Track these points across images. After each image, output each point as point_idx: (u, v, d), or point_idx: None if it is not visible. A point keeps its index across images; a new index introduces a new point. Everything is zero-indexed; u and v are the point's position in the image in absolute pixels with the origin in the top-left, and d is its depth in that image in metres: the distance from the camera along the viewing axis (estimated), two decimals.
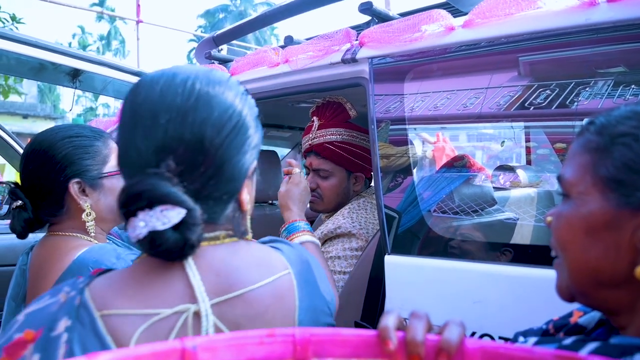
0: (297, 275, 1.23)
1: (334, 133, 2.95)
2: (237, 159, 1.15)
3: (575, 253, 1.02)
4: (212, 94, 1.12)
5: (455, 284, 2.00)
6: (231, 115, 1.13)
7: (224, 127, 1.11)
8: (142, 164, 1.08)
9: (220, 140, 1.10)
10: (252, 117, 1.21)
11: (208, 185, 1.11)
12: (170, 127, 1.07)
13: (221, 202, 1.16)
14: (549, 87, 2.00)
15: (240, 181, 1.18)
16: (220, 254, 1.16)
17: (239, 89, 1.20)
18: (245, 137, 1.17)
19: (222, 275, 1.12)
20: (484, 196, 2.32)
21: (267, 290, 1.15)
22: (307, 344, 0.81)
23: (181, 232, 1.05)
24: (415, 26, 2.24)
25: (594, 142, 1.01)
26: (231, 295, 1.10)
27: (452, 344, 0.80)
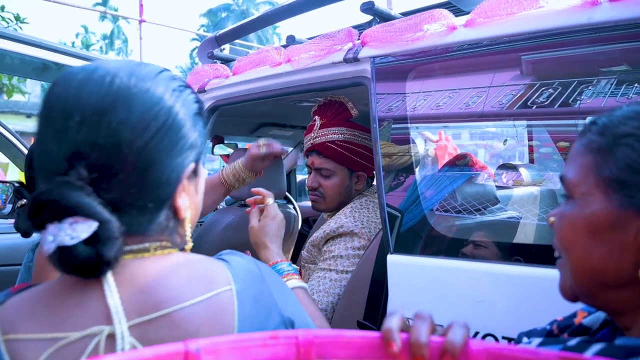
0: (242, 292, 1.08)
1: (335, 132, 2.96)
2: (167, 162, 1.04)
3: (579, 254, 1.01)
4: (133, 92, 1.01)
5: (458, 283, 2.00)
6: (157, 114, 1.02)
7: (147, 129, 1.00)
8: (53, 171, 0.97)
9: (142, 143, 0.99)
10: (188, 114, 1.10)
11: (130, 193, 1.00)
12: (83, 129, 0.96)
13: (147, 211, 1.05)
14: (551, 86, 2.00)
15: (172, 187, 1.07)
16: (147, 268, 1.04)
17: (170, 83, 1.09)
18: (178, 138, 1.06)
19: (147, 292, 1.01)
20: (487, 195, 2.32)
21: (200, 308, 1.02)
22: (311, 345, 0.80)
23: (94, 247, 0.94)
24: (417, 25, 2.24)
25: (596, 142, 1.00)
26: (155, 315, 0.98)
27: (456, 345, 0.80)
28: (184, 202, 1.11)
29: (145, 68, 1.08)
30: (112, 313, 0.96)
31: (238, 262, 1.16)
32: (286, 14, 3.10)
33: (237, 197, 3.81)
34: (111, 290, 0.98)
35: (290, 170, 5.49)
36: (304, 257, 3.01)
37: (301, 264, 3.09)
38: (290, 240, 4.34)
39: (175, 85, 1.10)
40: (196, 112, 1.13)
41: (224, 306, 1.05)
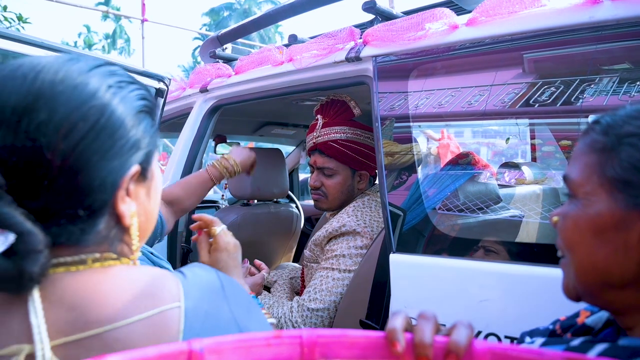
0: (192, 310, 0.97)
1: (338, 131, 2.96)
2: (100, 166, 0.94)
3: (583, 254, 1.01)
4: (58, 89, 0.92)
5: (460, 282, 2.00)
6: (85, 114, 0.92)
7: (73, 130, 0.90)
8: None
9: (68, 146, 0.90)
10: (129, 112, 1.00)
11: (57, 201, 0.91)
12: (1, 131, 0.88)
13: (80, 220, 0.95)
14: (553, 84, 1.99)
15: (107, 193, 0.97)
16: (80, 283, 0.95)
17: (106, 79, 1.00)
18: (114, 139, 0.96)
19: (77, 309, 0.91)
20: (489, 194, 2.32)
21: (138, 328, 0.92)
22: (314, 345, 0.80)
23: (14, 261, 0.86)
24: (419, 24, 2.24)
25: (600, 142, 1.00)
26: (84, 335, 0.89)
27: (461, 345, 0.80)
28: (128, 208, 1.02)
29: (78, 63, 0.99)
30: (33, 331, 0.88)
31: (197, 276, 1.05)
32: (288, 13, 3.10)
33: (239, 195, 3.82)
34: (35, 307, 0.90)
35: (293, 169, 5.49)
36: (306, 256, 3.01)
37: (304, 263, 3.09)
38: (292, 239, 4.35)
39: (113, 81, 1.01)
40: (141, 110, 1.04)
41: (167, 325, 0.94)
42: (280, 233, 4.19)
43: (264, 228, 3.97)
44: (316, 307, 2.60)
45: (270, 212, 4.04)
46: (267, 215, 4.00)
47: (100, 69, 1.01)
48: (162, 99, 2.83)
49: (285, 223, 4.19)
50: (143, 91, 1.08)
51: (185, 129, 3.45)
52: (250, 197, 3.82)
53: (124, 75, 1.06)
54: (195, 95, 3.51)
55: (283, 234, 4.21)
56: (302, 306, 2.63)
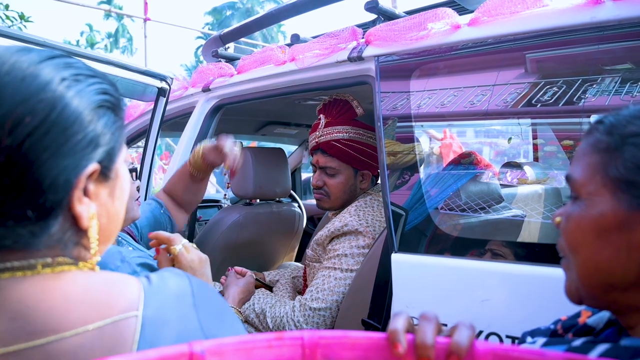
0: (151, 318, 0.92)
1: (340, 131, 2.96)
2: (51, 164, 0.87)
3: (586, 255, 1.00)
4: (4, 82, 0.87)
5: (462, 282, 2.00)
6: (34, 108, 0.86)
7: (19, 125, 0.84)
8: None
9: (15, 142, 0.84)
10: (86, 107, 0.93)
11: (2, 201, 0.86)
12: None
13: (29, 222, 0.89)
14: (555, 84, 1.99)
15: (59, 193, 0.90)
16: (25, 290, 0.89)
17: (61, 71, 0.93)
18: (67, 135, 0.89)
19: (20, 318, 0.86)
20: (491, 193, 2.32)
21: (86, 339, 0.86)
22: (316, 346, 0.80)
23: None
24: (421, 24, 2.25)
25: (603, 142, 0.99)
26: (26, 346, 0.84)
27: (462, 346, 0.80)
28: (86, 209, 0.95)
29: (29, 53, 0.93)
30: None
31: (164, 282, 1.00)
32: (291, 13, 3.10)
33: (241, 195, 3.82)
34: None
35: (295, 168, 5.49)
36: (308, 256, 3.01)
37: (306, 262, 3.10)
38: (294, 239, 4.35)
39: (68, 74, 0.94)
40: (100, 105, 0.97)
41: (121, 335, 0.89)
42: (283, 232, 4.19)
43: (266, 227, 3.97)
44: (318, 306, 2.60)
45: (272, 212, 4.04)
46: (270, 214, 4.00)
47: (55, 60, 0.95)
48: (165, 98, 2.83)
49: (287, 222, 4.19)
50: (105, 85, 1.00)
51: (187, 128, 3.45)
52: (253, 196, 3.81)
53: (82, 67, 0.99)
54: (197, 94, 3.51)
55: (285, 234, 4.21)
56: (304, 305, 2.63)
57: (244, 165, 3.68)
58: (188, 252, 1.69)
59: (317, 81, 2.77)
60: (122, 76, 2.56)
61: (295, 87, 2.90)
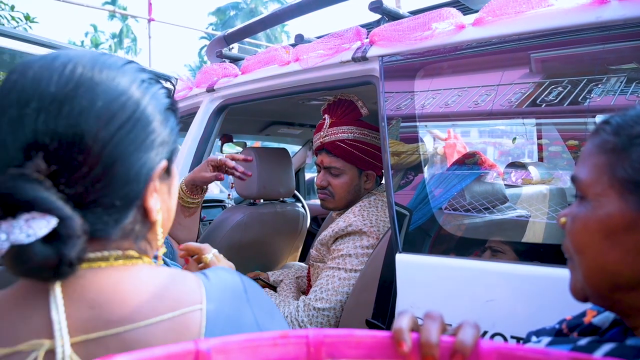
0: (213, 312, 0.97)
1: (345, 131, 2.96)
2: (135, 157, 0.96)
3: (592, 256, 1.00)
4: (97, 80, 0.94)
5: (467, 282, 2.00)
6: (124, 105, 0.95)
7: (113, 119, 0.92)
8: (6, 162, 0.88)
9: (108, 134, 0.91)
10: (158, 109, 1.02)
11: (94, 188, 0.91)
12: (41, 117, 0.88)
13: (115, 210, 0.95)
14: (560, 84, 1.99)
15: (141, 184, 0.98)
16: (102, 280, 0.95)
17: (138, 75, 1.02)
18: (147, 132, 0.98)
19: (98, 308, 0.91)
20: (496, 193, 2.32)
21: (159, 329, 0.92)
22: (321, 345, 0.80)
23: (54, 247, 0.85)
24: (426, 24, 2.24)
25: (610, 142, 0.99)
26: (105, 334, 0.89)
27: (467, 345, 0.80)
28: (155, 203, 1.03)
29: (111, 58, 1.02)
30: (54, 328, 0.88)
31: (220, 279, 1.06)
32: (295, 13, 3.10)
33: (245, 195, 3.82)
34: (57, 303, 0.89)
35: (299, 168, 5.49)
36: (312, 256, 3.01)
37: (310, 262, 3.09)
38: (298, 239, 4.35)
39: (144, 77, 1.03)
40: (167, 108, 1.06)
41: (188, 327, 0.95)
42: (287, 232, 4.19)
43: (270, 227, 3.97)
44: (322, 306, 2.60)
45: (276, 212, 4.04)
46: (274, 214, 4.00)
47: (131, 65, 1.03)
48: None
49: (291, 222, 4.19)
50: (167, 90, 1.09)
51: (192, 128, 3.46)
52: (257, 196, 3.81)
53: (150, 73, 1.07)
54: (201, 94, 3.51)
55: (289, 234, 4.21)
56: (308, 305, 2.64)
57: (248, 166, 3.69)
58: (219, 261, 1.74)
59: (322, 81, 2.77)
60: None
61: (300, 87, 2.90)
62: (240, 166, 2.66)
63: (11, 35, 2.02)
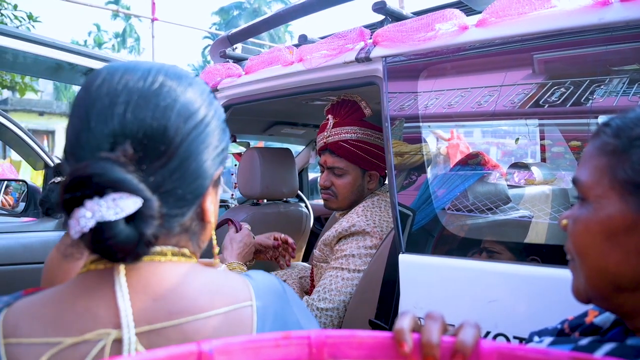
0: (263, 309, 1.03)
1: (348, 131, 2.97)
2: (204, 157, 1.03)
3: (594, 258, 1.00)
4: (177, 84, 1.03)
5: (469, 283, 2.00)
6: (198, 109, 1.03)
7: (190, 118, 1.01)
8: (93, 147, 0.94)
9: (187, 131, 1.00)
10: (219, 121, 1.10)
11: (170, 179, 0.98)
12: (130, 108, 0.96)
13: (184, 202, 1.01)
14: (563, 85, 2.00)
15: (206, 182, 1.05)
16: (163, 274, 1.00)
17: (206, 88, 1.11)
18: (212, 138, 1.06)
19: (160, 299, 0.96)
20: (499, 194, 2.32)
21: (216, 322, 0.97)
22: (323, 346, 0.81)
23: (136, 226, 0.90)
24: (429, 25, 2.24)
25: (610, 144, 0.99)
26: (167, 324, 0.94)
27: (467, 345, 0.80)
28: (210, 205, 1.10)
29: (184, 71, 1.10)
30: (121, 317, 0.92)
31: (262, 280, 1.12)
32: (299, 13, 3.10)
33: (248, 195, 3.83)
34: (123, 293, 0.94)
35: (302, 168, 5.49)
36: (316, 256, 3.02)
37: (313, 262, 3.10)
38: (302, 239, 4.35)
39: (209, 91, 1.12)
40: (225, 120, 1.14)
41: (243, 321, 1.01)
42: (290, 232, 4.17)
43: (273, 227, 3.96)
44: (325, 306, 2.61)
45: (279, 212, 4.04)
46: (277, 214, 4.01)
47: (199, 79, 1.11)
48: None
49: (294, 222, 4.19)
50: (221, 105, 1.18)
51: None
52: (260, 196, 3.82)
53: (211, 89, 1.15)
54: None
55: (292, 234, 4.20)
56: (312, 306, 2.64)
57: (251, 165, 3.69)
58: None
59: (325, 82, 2.78)
60: None
61: (303, 87, 2.90)
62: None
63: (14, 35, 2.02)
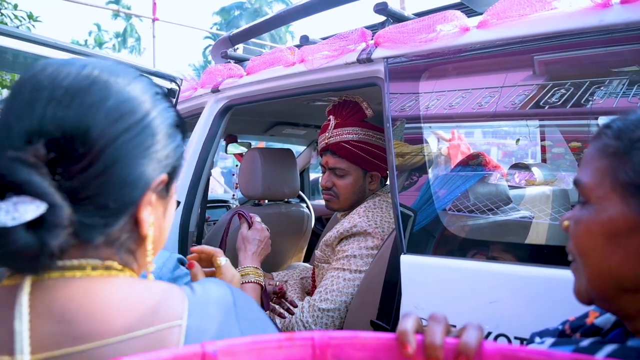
0: (194, 329, 0.91)
1: (350, 132, 2.97)
2: (136, 162, 0.94)
3: (596, 260, 1.00)
4: (111, 82, 0.95)
5: (471, 283, 2.00)
6: (134, 109, 0.95)
7: (121, 119, 0.93)
8: (7, 145, 0.86)
9: (115, 133, 0.91)
10: (166, 123, 1.02)
11: (91, 185, 0.89)
12: (51, 105, 0.88)
13: (106, 213, 0.92)
14: (563, 86, 2.00)
15: (138, 191, 0.96)
16: (74, 291, 0.89)
17: (151, 88, 1.04)
18: (151, 142, 0.97)
19: (66, 322, 0.86)
20: (499, 194, 2.33)
21: (131, 346, 0.86)
22: (326, 347, 0.81)
23: (38, 235, 0.82)
24: (430, 26, 2.25)
25: (612, 146, 0.99)
26: (70, 351, 0.84)
27: (471, 347, 0.80)
28: (148, 216, 1.00)
29: (127, 68, 1.04)
30: (15, 342, 0.83)
31: (207, 293, 1.00)
32: (300, 14, 3.11)
33: (250, 195, 3.83)
34: (22, 314, 0.85)
35: (304, 168, 5.50)
36: (317, 257, 3.02)
37: (315, 263, 3.10)
38: (303, 240, 4.36)
39: (157, 91, 1.06)
40: (174, 125, 1.06)
41: (165, 344, 0.88)
42: (291, 233, 4.19)
43: (274, 228, 3.96)
44: (327, 307, 2.61)
45: (281, 212, 4.05)
46: (278, 215, 4.01)
47: (147, 78, 1.06)
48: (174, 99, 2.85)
49: (296, 223, 4.20)
50: (176, 110, 1.10)
51: (196, 128, 3.46)
52: (261, 197, 3.82)
53: (162, 90, 1.09)
54: (206, 95, 3.52)
55: (294, 234, 4.22)
56: (313, 306, 2.64)
57: (252, 166, 3.69)
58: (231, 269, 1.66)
59: (327, 82, 2.78)
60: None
61: (305, 88, 2.90)
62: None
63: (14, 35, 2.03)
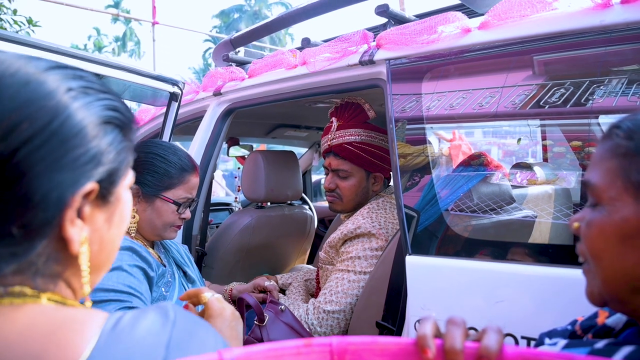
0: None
1: (352, 134, 2.98)
2: (46, 177, 0.79)
3: (610, 261, 1.00)
4: (6, 83, 0.80)
5: (477, 284, 2.01)
6: (33, 115, 0.79)
7: (15, 130, 0.76)
8: None
9: (7, 149, 0.76)
10: (91, 121, 0.86)
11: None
12: None
13: (11, 241, 0.79)
14: (563, 86, 2.01)
15: (54, 210, 0.81)
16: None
17: (69, 82, 0.86)
18: (67, 147, 0.81)
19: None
20: (502, 194, 2.33)
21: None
22: (345, 353, 0.80)
23: None
24: (432, 28, 2.26)
25: (623, 146, 0.99)
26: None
27: (492, 351, 0.80)
28: (77, 232, 0.85)
29: (38, 61, 0.86)
30: None
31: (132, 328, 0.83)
32: (301, 17, 3.11)
33: (252, 198, 3.84)
34: None
35: (306, 170, 5.50)
36: (321, 258, 3.03)
37: (318, 264, 3.11)
38: (306, 241, 4.36)
39: (77, 85, 0.87)
40: (108, 121, 0.89)
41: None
42: (295, 235, 4.20)
43: (278, 230, 3.99)
44: (332, 309, 2.62)
45: (284, 214, 4.05)
46: (281, 217, 4.02)
47: (65, 70, 0.88)
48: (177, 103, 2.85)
49: (299, 225, 4.21)
50: (116, 103, 0.93)
51: (198, 132, 3.47)
52: (264, 199, 3.83)
53: (94, 82, 0.92)
54: (208, 98, 3.53)
55: (297, 236, 4.22)
56: (318, 308, 2.65)
57: (255, 169, 3.70)
58: (219, 302, 1.44)
59: (329, 84, 2.78)
60: (134, 81, 2.57)
61: (307, 90, 2.91)
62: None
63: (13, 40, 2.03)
